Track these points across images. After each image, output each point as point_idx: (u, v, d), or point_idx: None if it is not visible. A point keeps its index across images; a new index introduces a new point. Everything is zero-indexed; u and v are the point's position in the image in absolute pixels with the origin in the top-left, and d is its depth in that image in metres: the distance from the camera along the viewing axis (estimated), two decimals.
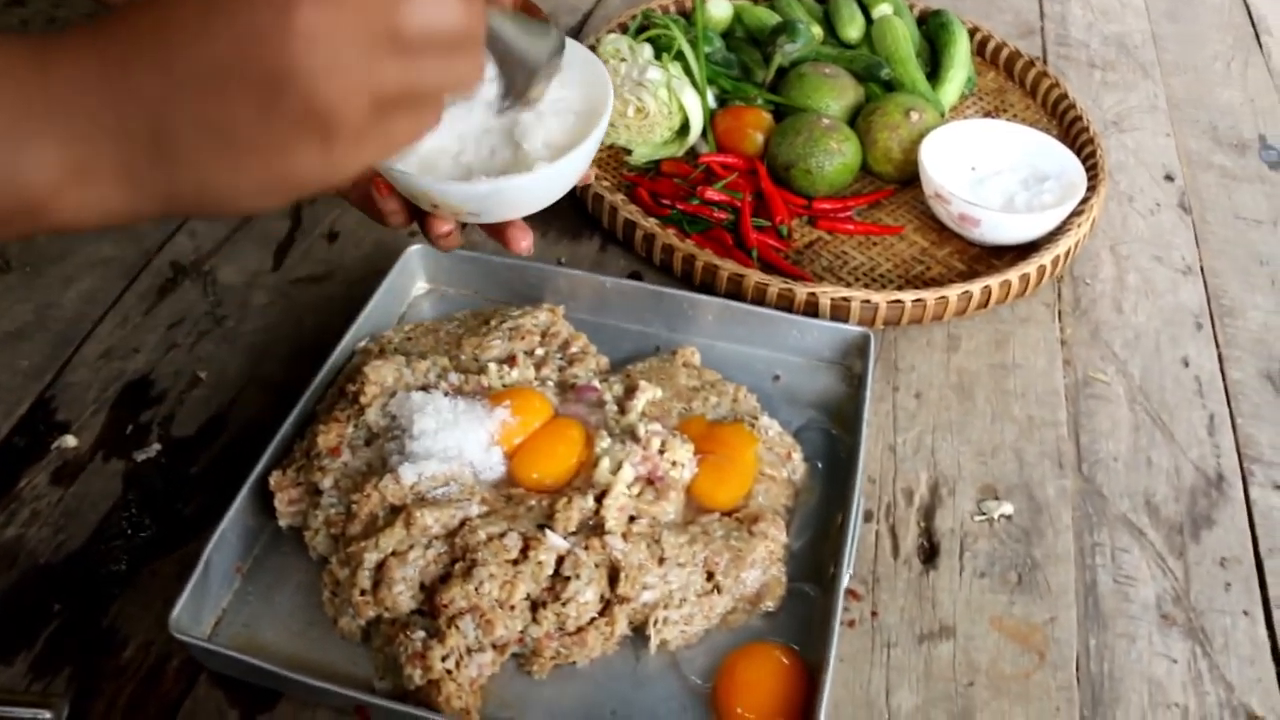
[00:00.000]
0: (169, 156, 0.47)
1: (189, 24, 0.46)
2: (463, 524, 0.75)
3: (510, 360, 0.88)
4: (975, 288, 1.00)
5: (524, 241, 0.72)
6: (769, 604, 0.78)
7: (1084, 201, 1.08)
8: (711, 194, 1.11)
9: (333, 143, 0.48)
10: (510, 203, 0.68)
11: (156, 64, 0.46)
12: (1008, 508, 0.87)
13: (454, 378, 0.85)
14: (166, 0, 0.47)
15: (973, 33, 1.37)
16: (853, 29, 1.31)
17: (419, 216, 0.71)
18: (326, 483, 0.78)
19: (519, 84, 0.61)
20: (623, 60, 1.20)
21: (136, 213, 0.49)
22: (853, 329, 0.94)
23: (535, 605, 0.73)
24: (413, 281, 1.00)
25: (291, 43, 0.45)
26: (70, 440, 0.88)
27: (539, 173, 0.66)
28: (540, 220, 1.11)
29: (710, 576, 0.76)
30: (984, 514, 0.86)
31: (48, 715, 0.61)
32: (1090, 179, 1.11)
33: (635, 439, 0.81)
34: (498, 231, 0.72)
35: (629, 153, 1.19)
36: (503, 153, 0.70)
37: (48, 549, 0.81)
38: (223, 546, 0.76)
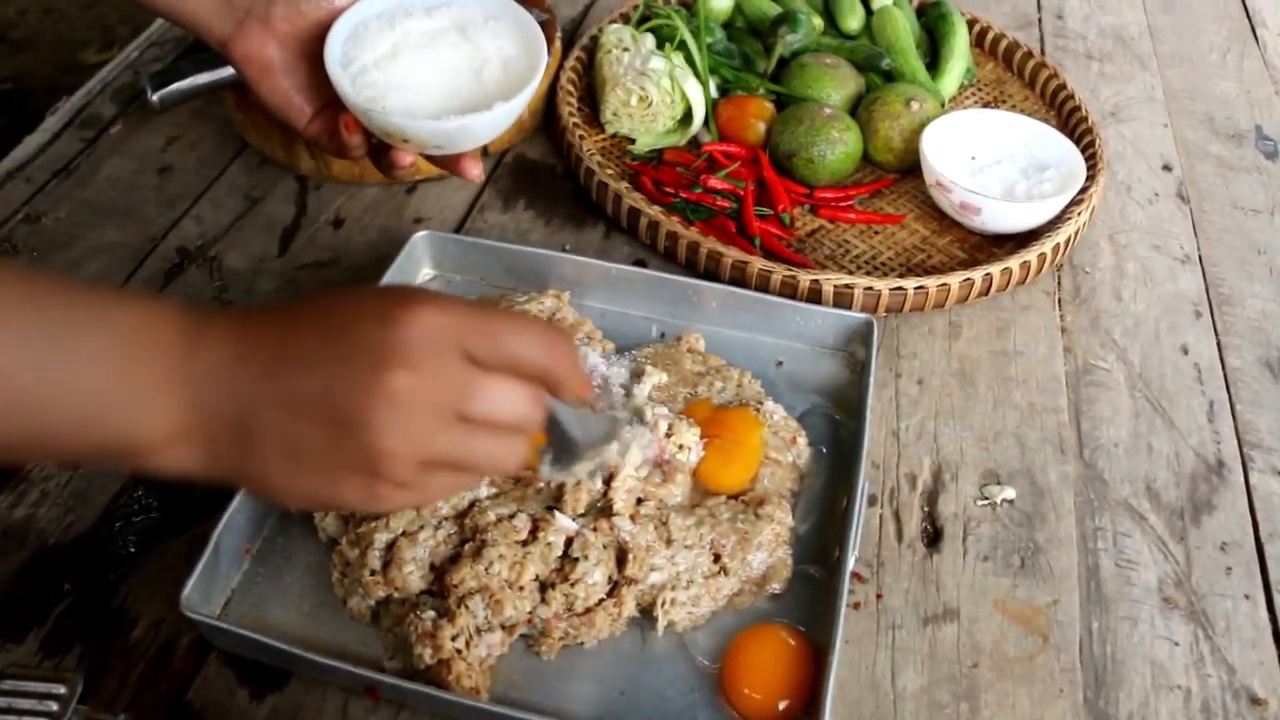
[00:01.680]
0: (246, 449, 0.54)
1: (303, 349, 0.54)
2: (472, 505, 0.76)
3: None
4: (976, 275, 1.00)
5: (475, 170, 0.81)
6: (775, 586, 0.78)
7: (1083, 191, 1.09)
8: (714, 182, 1.11)
9: (378, 485, 0.55)
10: (472, 136, 0.78)
11: (264, 373, 0.54)
12: (1010, 492, 0.87)
13: None
14: (298, 322, 0.56)
15: (971, 24, 1.37)
16: (853, 20, 1.32)
17: (376, 150, 0.81)
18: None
19: (564, 458, 0.66)
20: (625, 50, 1.21)
21: (208, 476, 0.56)
22: (856, 315, 0.95)
23: (544, 586, 0.74)
24: (418, 268, 1.01)
25: (372, 397, 0.52)
26: None
27: (498, 110, 0.76)
28: (544, 208, 1.12)
29: (717, 558, 0.77)
30: (986, 498, 0.87)
31: (62, 690, 0.61)
32: (1089, 168, 1.11)
33: (642, 422, 0.81)
34: (452, 162, 0.81)
35: (632, 142, 1.20)
36: (463, 79, 0.80)
37: (57, 529, 0.81)
38: (232, 527, 0.76)
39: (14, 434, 0.52)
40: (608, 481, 0.78)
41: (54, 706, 0.61)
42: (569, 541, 0.75)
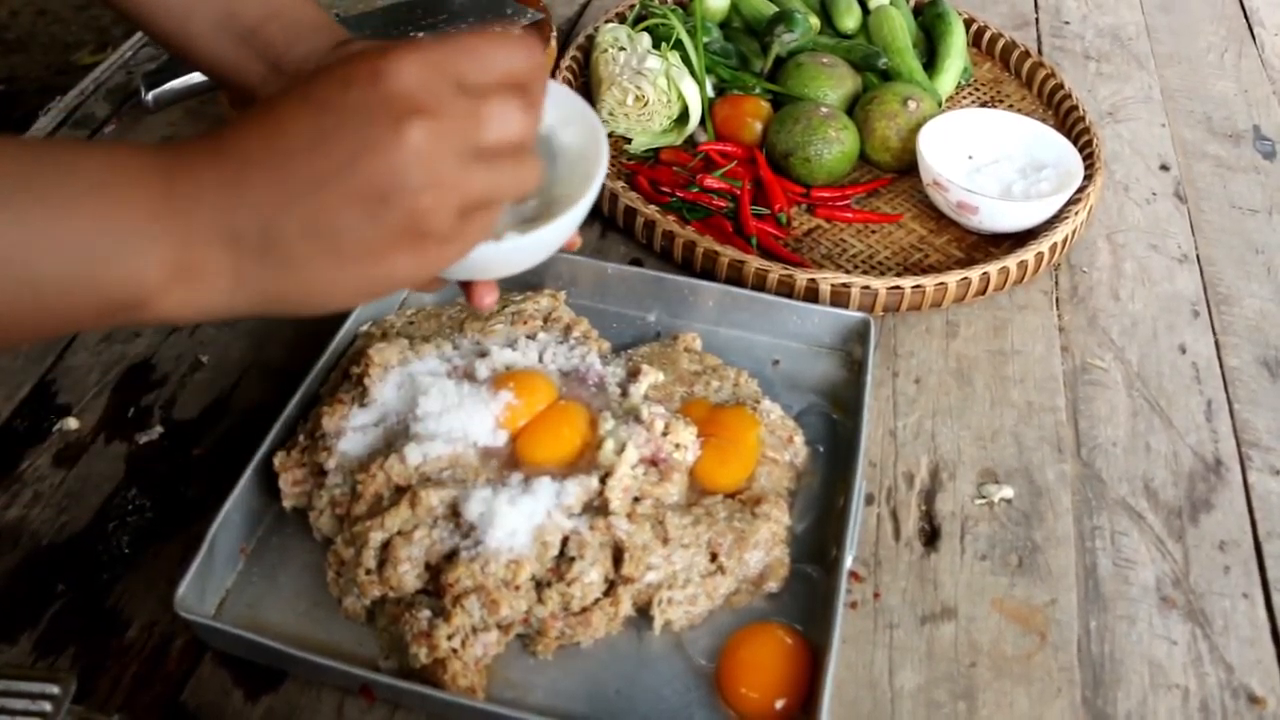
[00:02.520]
0: (277, 260, 0.51)
1: (302, 136, 0.50)
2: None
3: (513, 344, 0.88)
4: (974, 275, 1.00)
5: (487, 299, 0.71)
6: (772, 585, 0.78)
7: (1081, 190, 1.09)
8: (711, 182, 1.11)
9: (426, 247, 0.53)
10: (475, 269, 0.66)
11: (270, 174, 0.50)
12: (1008, 491, 0.87)
13: (458, 361, 0.85)
14: (280, 114, 0.51)
15: (968, 23, 1.37)
16: (850, 19, 1.31)
17: None
18: (331, 464, 0.78)
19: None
20: (621, 49, 1.20)
21: (233, 311, 0.53)
22: (853, 314, 0.94)
23: (540, 585, 0.74)
24: None
25: (398, 154, 0.50)
26: (72, 423, 0.88)
27: (509, 242, 0.63)
28: None
29: (714, 557, 0.77)
30: (984, 497, 0.87)
31: (56, 690, 0.60)
32: (1087, 168, 1.11)
33: (639, 421, 0.81)
34: (463, 286, 0.72)
35: (628, 141, 1.20)
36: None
37: (50, 530, 0.81)
38: (227, 527, 0.76)
39: (6, 304, 0.49)
40: (604, 480, 0.77)
41: (47, 707, 0.60)
42: (565, 541, 0.75)
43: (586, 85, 1.25)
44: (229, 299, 0.52)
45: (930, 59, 1.30)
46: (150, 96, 1.06)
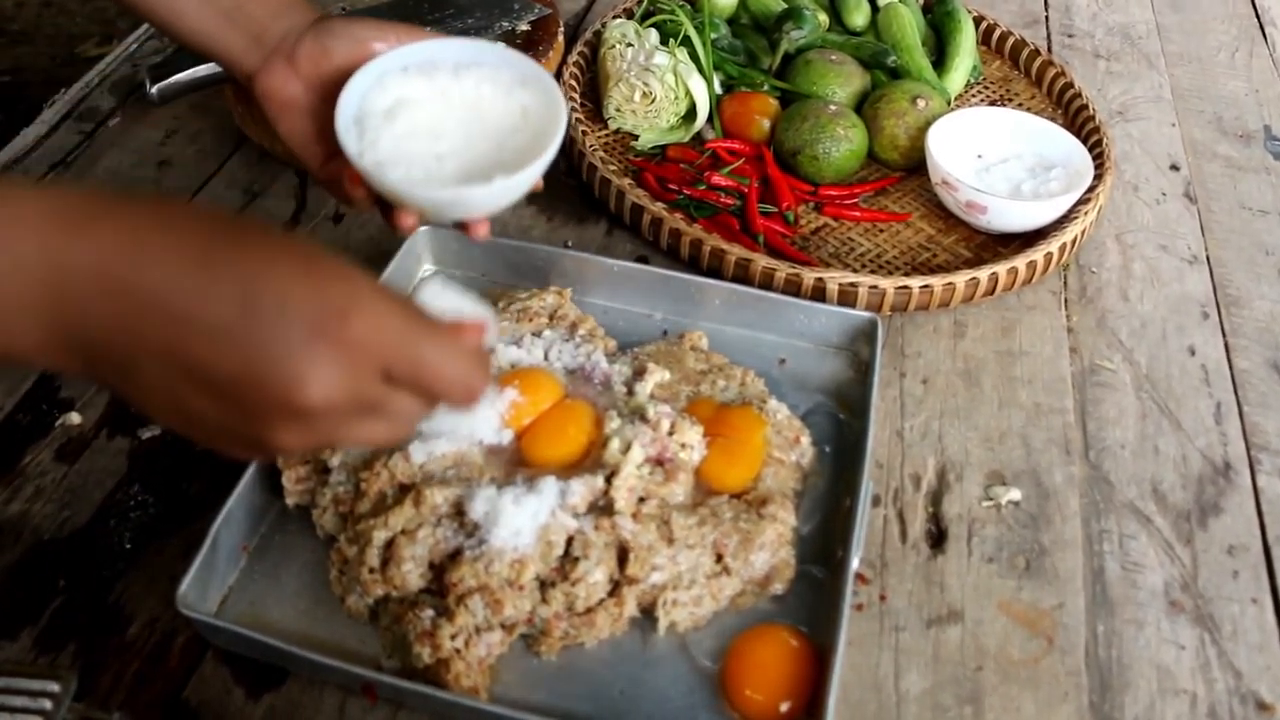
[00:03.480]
0: (129, 383, 0.52)
1: (212, 320, 0.49)
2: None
3: (519, 342, 0.87)
4: (982, 274, 0.99)
5: (482, 230, 0.78)
6: (778, 586, 0.77)
7: (1090, 190, 1.08)
8: (718, 179, 1.11)
9: (261, 455, 0.61)
10: (467, 208, 0.74)
11: (168, 329, 0.49)
12: (1015, 494, 0.86)
13: None
14: (211, 267, 0.50)
15: (978, 21, 1.36)
16: (859, 16, 1.31)
17: (382, 206, 0.78)
18: (335, 461, 0.78)
19: None
20: (629, 45, 1.20)
21: (74, 377, 0.58)
22: (860, 314, 0.94)
23: (544, 585, 0.73)
24: (419, 264, 1.00)
25: (285, 404, 0.50)
26: (74, 417, 0.87)
27: (495, 184, 0.70)
28: (546, 204, 1.11)
29: (719, 558, 0.76)
30: (991, 500, 0.86)
31: (56, 687, 0.60)
32: (1096, 167, 1.10)
33: (644, 420, 0.80)
34: (458, 223, 0.78)
35: (635, 138, 1.19)
36: (482, 146, 0.75)
37: (52, 525, 0.80)
38: (230, 524, 0.75)
39: None
40: (609, 479, 0.77)
41: (48, 704, 0.60)
42: (570, 540, 0.74)
43: (593, 81, 1.24)
44: (86, 377, 0.55)
45: (939, 57, 1.30)
46: (155, 90, 1.05)
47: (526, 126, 0.76)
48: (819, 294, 0.98)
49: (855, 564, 0.76)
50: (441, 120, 0.75)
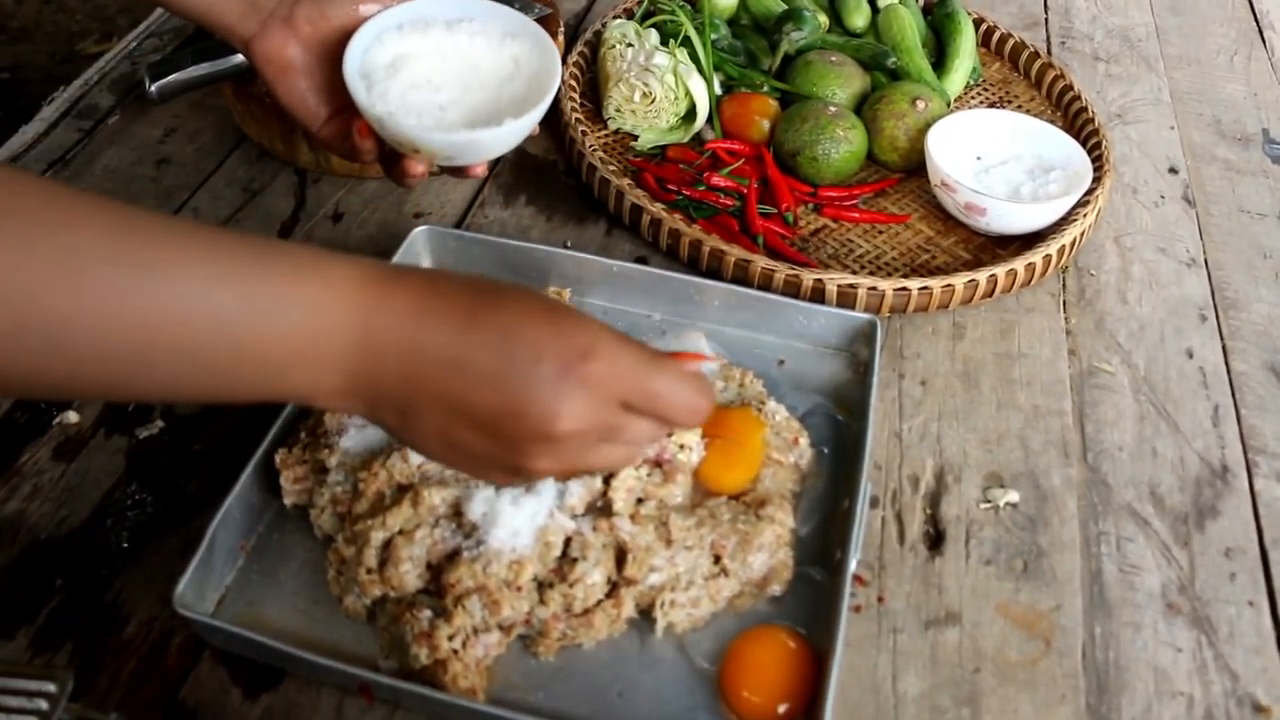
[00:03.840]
0: (407, 425, 0.60)
1: (477, 367, 0.57)
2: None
3: None
4: (981, 276, 0.99)
5: (479, 168, 0.85)
6: (776, 588, 0.77)
7: (1089, 192, 1.08)
8: (717, 180, 1.10)
9: (520, 482, 0.69)
10: (482, 150, 0.81)
11: (441, 374, 0.57)
12: (1013, 495, 0.86)
13: None
14: (478, 326, 0.57)
15: (978, 23, 1.36)
16: (859, 17, 1.31)
17: (387, 158, 0.83)
18: (332, 461, 0.78)
19: None
20: (629, 46, 1.20)
21: (365, 420, 0.64)
22: (859, 315, 0.94)
23: (542, 586, 0.73)
24: (418, 263, 1.00)
25: (538, 437, 0.58)
26: (72, 416, 0.87)
27: (507, 126, 0.77)
28: (546, 204, 1.11)
29: (717, 559, 0.76)
30: (989, 501, 0.86)
31: (52, 688, 0.60)
32: (1095, 170, 1.10)
33: None
34: (458, 168, 0.84)
35: (635, 138, 1.19)
36: (480, 94, 0.82)
37: (49, 524, 0.80)
38: (227, 523, 0.75)
39: (185, 385, 0.56)
40: (607, 481, 0.77)
41: (44, 705, 0.60)
42: (568, 541, 0.74)
43: (593, 81, 1.24)
44: (365, 418, 0.61)
45: (939, 58, 1.30)
46: (154, 88, 1.05)
47: (519, 74, 0.83)
48: (818, 295, 0.98)
49: (853, 565, 0.76)
50: (440, 72, 0.81)
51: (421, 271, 0.61)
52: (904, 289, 0.98)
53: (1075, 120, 1.24)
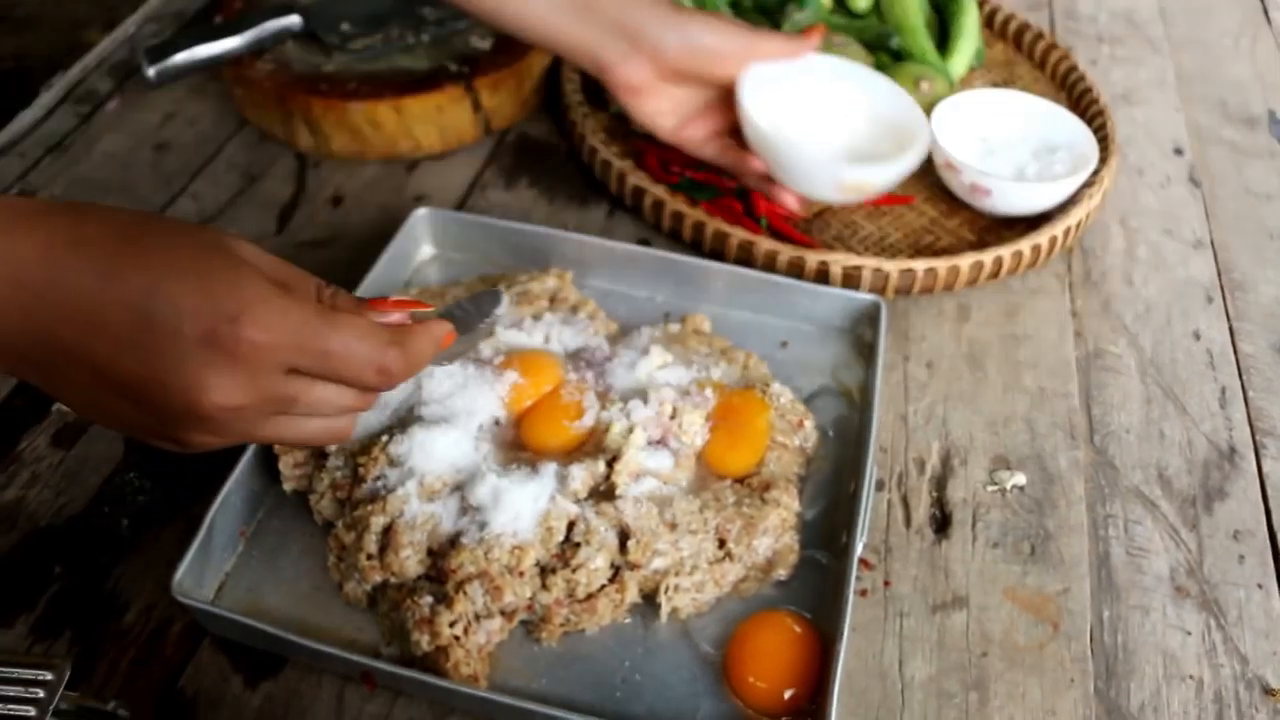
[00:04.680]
0: (51, 382, 0.55)
1: (115, 327, 0.51)
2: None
3: (519, 325, 0.86)
4: (987, 257, 0.99)
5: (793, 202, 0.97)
6: (781, 572, 0.77)
7: (1094, 173, 1.07)
8: None
9: (186, 449, 0.58)
10: (860, 184, 0.91)
11: (78, 334, 0.52)
12: (1020, 478, 0.86)
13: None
14: (116, 279, 0.52)
15: (981, 4, 1.35)
16: None
17: (755, 180, 0.97)
18: (332, 446, 0.77)
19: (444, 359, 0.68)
20: None
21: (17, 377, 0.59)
22: (864, 297, 0.93)
23: (545, 571, 0.72)
24: (418, 247, 0.99)
25: (190, 408, 0.53)
26: None
27: (896, 163, 0.90)
28: (547, 187, 1.10)
29: (722, 544, 0.75)
30: (996, 484, 0.85)
31: (49, 676, 0.59)
32: (1101, 151, 1.09)
33: (646, 404, 0.79)
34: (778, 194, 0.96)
35: None
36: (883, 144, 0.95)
37: (48, 511, 0.79)
38: (226, 510, 0.74)
39: None
40: (610, 464, 0.76)
41: (41, 694, 0.59)
42: (570, 526, 0.74)
43: None
44: (11, 374, 0.57)
45: (942, 40, 1.28)
46: (152, 72, 1.04)
47: (888, 133, 0.95)
48: (822, 277, 0.97)
49: (859, 549, 0.75)
50: (819, 118, 0.95)
51: (58, 209, 0.54)
52: (909, 270, 0.97)
53: (1080, 101, 1.22)
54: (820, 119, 0.95)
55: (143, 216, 0.55)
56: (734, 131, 0.94)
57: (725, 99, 0.92)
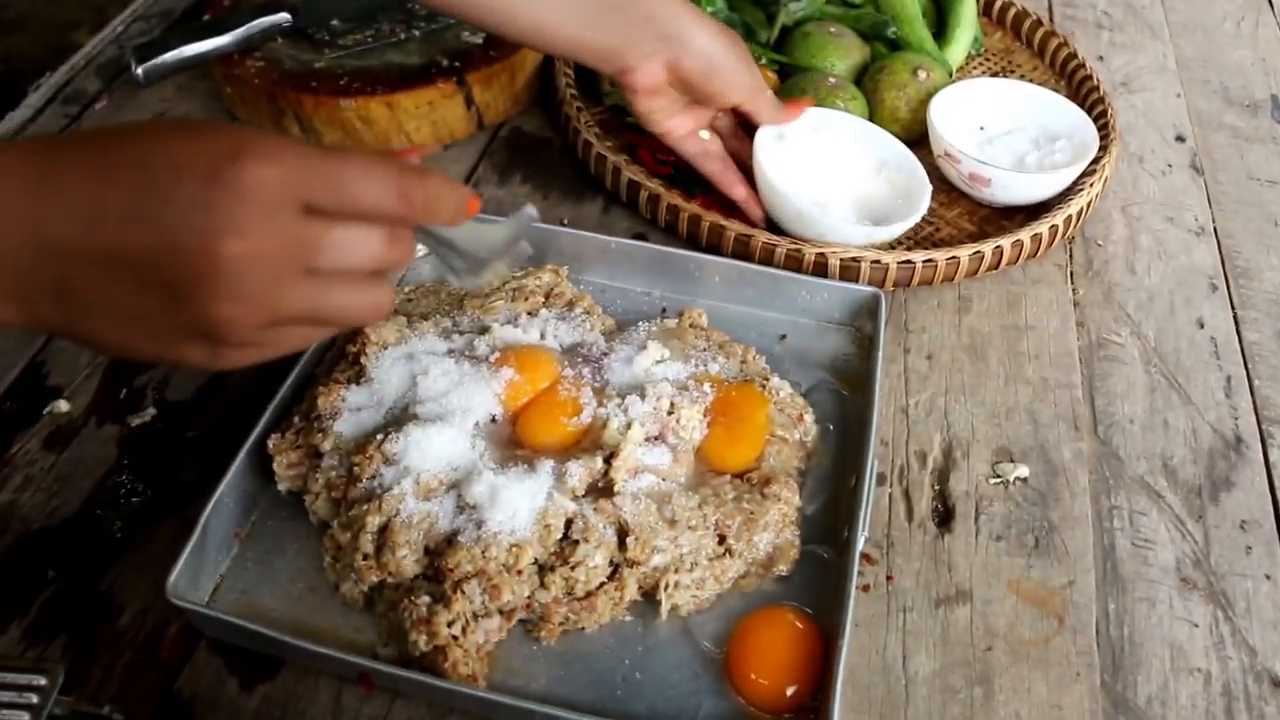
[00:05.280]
0: (70, 308, 0.51)
1: (119, 203, 0.48)
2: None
3: (514, 321, 0.86)
4: (987, 248, 0.98)
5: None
6: (782, 568, 0.76)
7: (1095, 161, 1.06)
8: None
9: (220, 348, 0.52)
10: (848, 239, 0.97)
11: (81, 228, 0.49)
12: (1023, 470, 0.85)
13: (457, 338, 0.83)
14: (110, 157, 0.50)
15: None
16: None
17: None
18: (327, 445, 0.76)
19: (470, 268, 0.64)
20: None
21: (24, 328, 0.52)
22: (863, 289, 0.92)
23: (543, 569, 0.72)
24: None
25: (203, 264, 0.48)
26: (63, 405, 0.86)
27: (890, 227, 0.97)
28: (541, 181, 1.09)
29: (722, 540, 0.75)
30: (999, 477, 0.84)
31: (42, 681, 0.58)
32: (1101, 139, 1.08)
33: (644, 399, 0.79)
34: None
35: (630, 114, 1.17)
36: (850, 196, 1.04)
37: (41, 515, 0.78)
38: (221, 511, 0.73)
39: None
40: (608, 460, 0.75)
41: (34, 699, 0.58)
42: (569, 523, 0.73)
43: None
44: (20, 320, 0.52)
45: (940, 28, 1.27)
46: (140, 71, 1.03)
47: (891, 193, 1.02)
48: (820, 269, 0.96)
49: (861, 544, 0.74)
50: (827, 172, 1.03)
51: (36, 138, 0.53)
52: (908, 262, 0.96)
53: (1080, 89, 1.21)
54: (829, 172, 1.03)
55: (123, 124, 0.53)
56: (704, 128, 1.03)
57: (704, 106, 1.00)
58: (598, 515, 0.73)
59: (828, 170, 1.04)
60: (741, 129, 1.04)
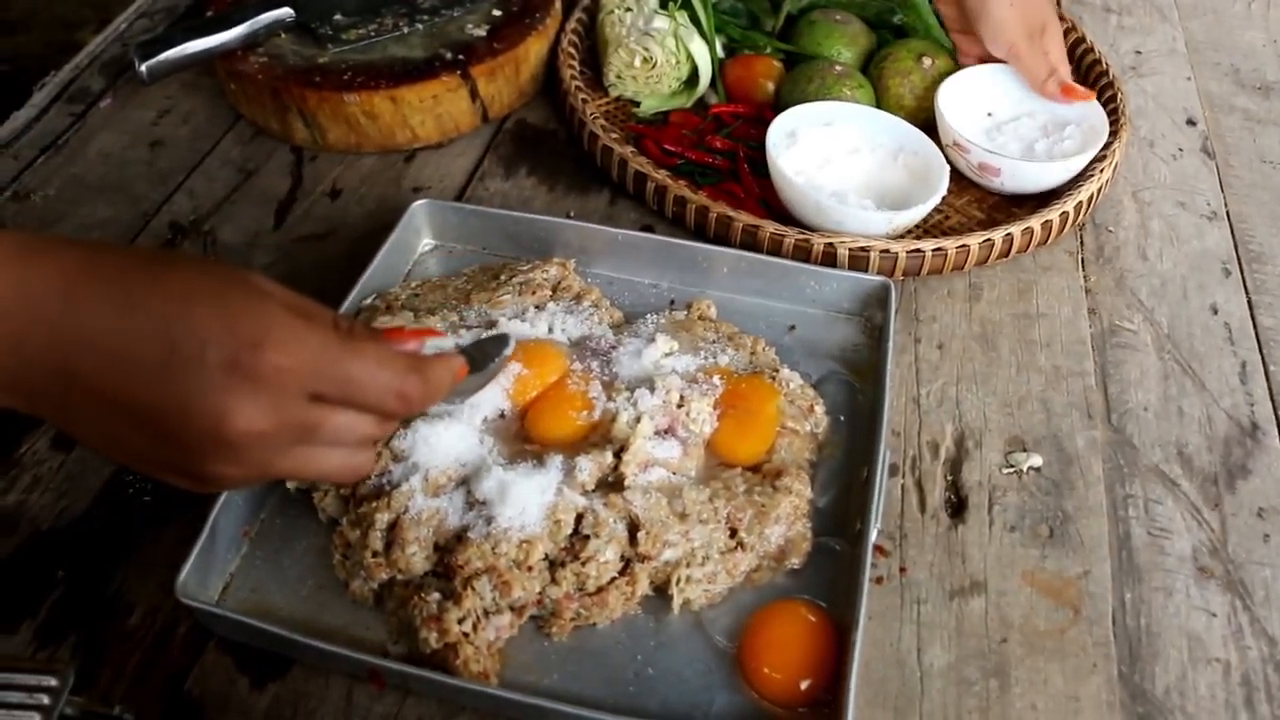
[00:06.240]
0: (69, 420, 0.54)
1: (136, 355, 0.51)
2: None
3: (522, 315, 0.85)
4: (997, 236, 0.97)
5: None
6: (794, 561, 0.75)
7: (1105, 147, 1.05)
8: (718, 142, 1.08)
9: (202, 487, 0.57)
10: (869, 228, 0.97)
11: (99, 369, 0.51)
12: (1036, 460, 0.84)
13: (464, 333, 0.83)
14: (136, 310, 0.51)
15: None
16: None
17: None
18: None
19: (455, 399, 0.72)
20: (628, 10, 1.17)
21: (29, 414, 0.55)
22: (872, 279, 0.91)
23: (554, 565, 0.71)
24: (418, 238, 0.97)
25: (210, 434, 0.52)
26: None
27: (909, 211, 0.97)
28: (547, 174, 1.09)
29: (733, 533, 0.74)
30: (1012, 466, 0.84)
31: (53, 682, 0.58)
32: (1111, 124, 1.07)
33: (653, 392, 0.78)
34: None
35: (637, 105, 1.16)
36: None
37: (50, 515, 0.78)
38: (229, 509, 0.73)
39: None
40: (618, 454, 0.75)
41: (45, 700, 0.58)
42: (579, 518, 0.72)
43: (592, 48, 1.21)
44: (27, 410, 0.54)
45: None
46: (144, 68, 1.03)
47: (909, 178, 1.03)
48: (829, 259, 0.95)
49: (874, 536, 0.74)
50: (842, 164, 1.04)
51: (69, 243, 0.54)
52: (917, 251, 0.95)
53: (1089, 74, 1.20)
54: (844, 164, 1.04)
55: (159, 251, 0.55)
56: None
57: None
58: (608, 510, 0.72)
59: (843, 162, 1.04)
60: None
